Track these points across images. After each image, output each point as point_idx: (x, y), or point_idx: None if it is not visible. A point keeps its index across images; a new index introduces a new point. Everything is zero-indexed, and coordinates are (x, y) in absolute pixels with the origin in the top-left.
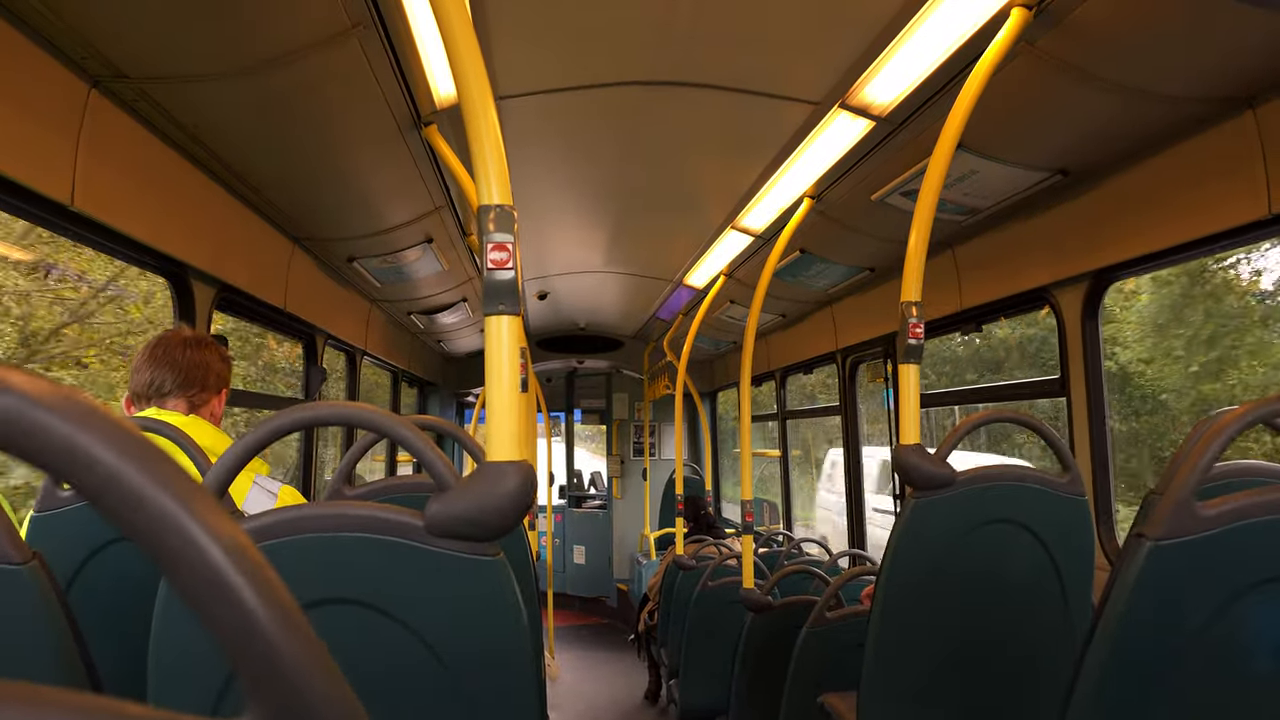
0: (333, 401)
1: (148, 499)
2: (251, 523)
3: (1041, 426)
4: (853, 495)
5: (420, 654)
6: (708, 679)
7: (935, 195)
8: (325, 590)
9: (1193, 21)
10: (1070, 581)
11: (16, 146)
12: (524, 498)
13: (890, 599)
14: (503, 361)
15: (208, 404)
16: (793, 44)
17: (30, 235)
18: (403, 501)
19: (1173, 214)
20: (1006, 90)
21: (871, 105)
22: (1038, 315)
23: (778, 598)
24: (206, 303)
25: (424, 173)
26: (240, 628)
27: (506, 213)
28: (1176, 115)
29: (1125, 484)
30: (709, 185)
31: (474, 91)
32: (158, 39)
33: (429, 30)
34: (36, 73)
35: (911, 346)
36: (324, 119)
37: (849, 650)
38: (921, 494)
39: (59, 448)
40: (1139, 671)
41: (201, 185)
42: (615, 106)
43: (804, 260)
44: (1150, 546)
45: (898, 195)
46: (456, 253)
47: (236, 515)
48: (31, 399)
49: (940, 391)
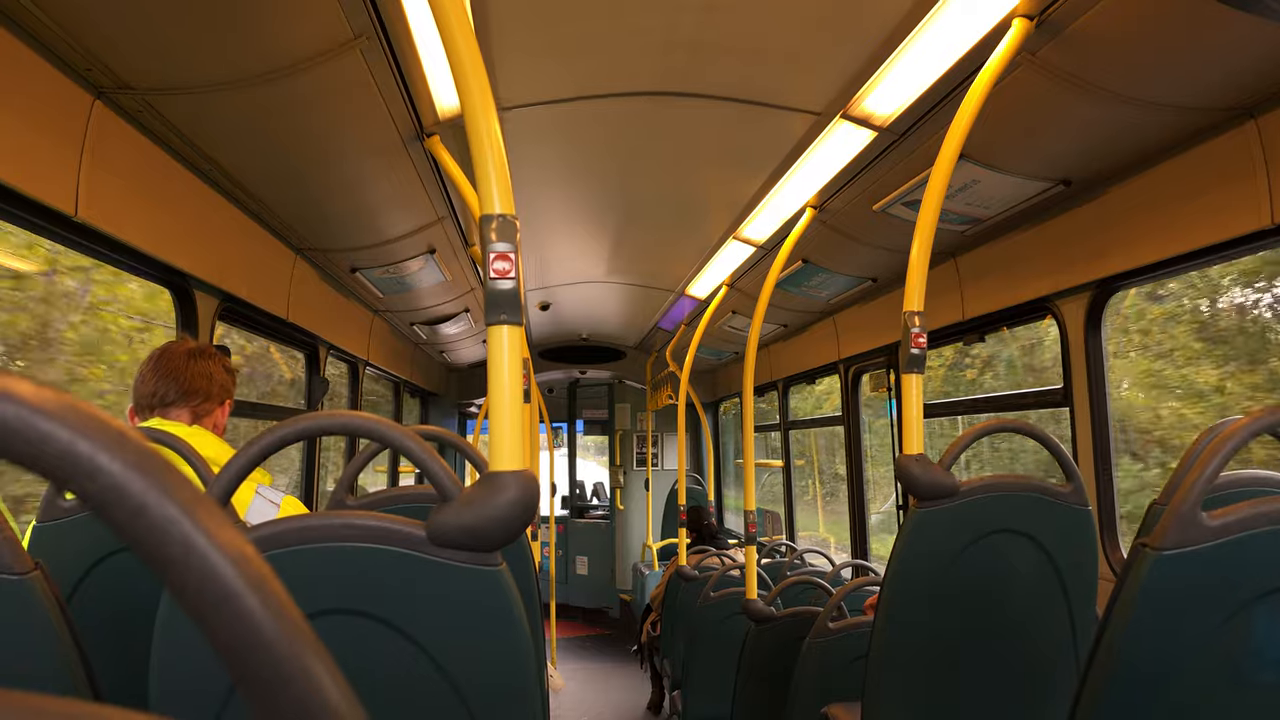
0: (337, 411)
1: (149, 507)
2: (254, 533)
3: (1045, 436)
4: (856, 506)
5: (422, 664)
6: (711, 690)
7: (937, 205)
8: (327, 601)
9: (1194, 32)
10: (1074, 592)
11: (21, 157)
12: (527, 508)
13: (893, 609)
14: (505, 371)
15: (211, 414)
16: (795, 55)
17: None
18: (405, 512)
19: (1175, 224)
20: (1008, 100)
21: (873, 116)
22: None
23: (780, 608)
24: (209, 313)
25: (426, 183)
26: (244, 638)
27: (509, 222)
28: (1178, 125)
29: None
30: (711, 195)
31: (476, 101)
32: (162, 51)
33: (431, 42)
34: (41, 84)
35: (914, 356)
36: (327, 130)
37: (852, 661)
38: (925, 504)
39: (60, 455)
40: (1144, 682)
41: (204, 196)
42: (617, 117)
43: (806, 270)
44: (1155, 557)
45: (900, 205)
46: (459, 263)
47: (239, 525)
48: (33, 406)
49: (943, 401)
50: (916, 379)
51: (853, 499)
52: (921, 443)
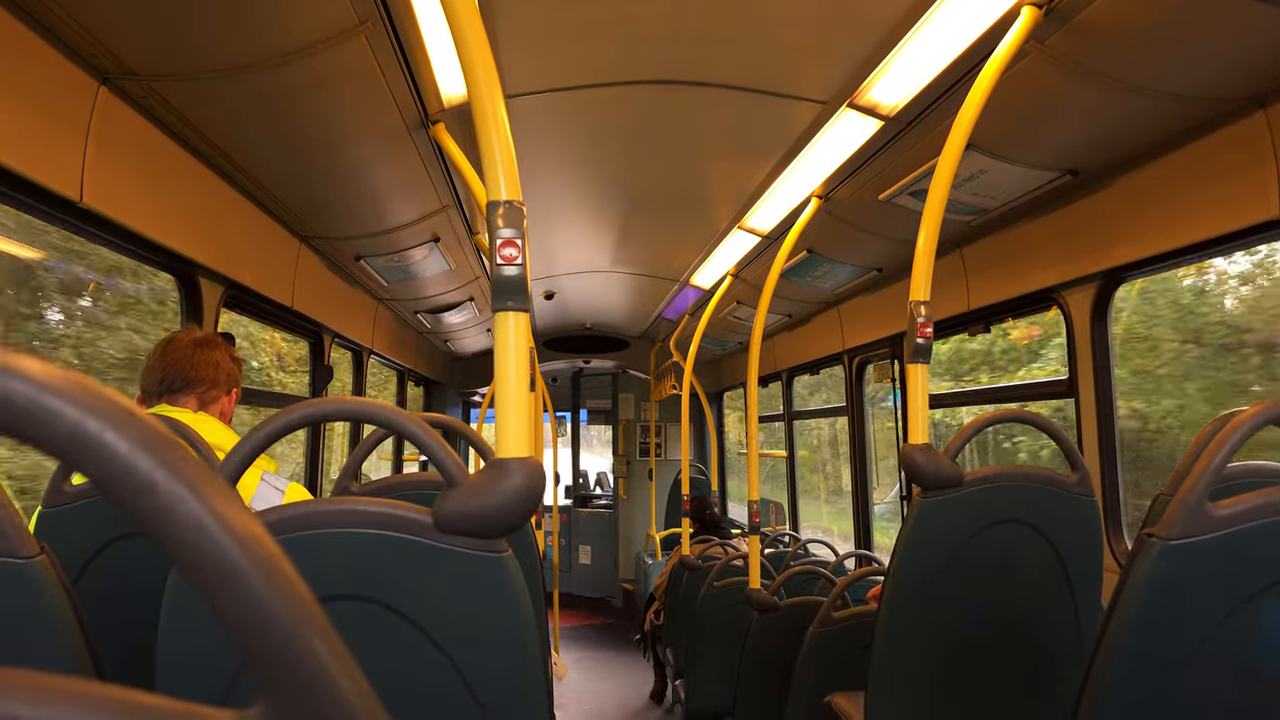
0: (343, 397)
1: (158, 484)
2: (260, 519)
3: (1050, 426)
4: (859, 495)
5: (427, 650)
6: (714, 679)
7: (944, 195)
8: (333, 586)
9: (1203, 21)
10: (1079, 582)
11: (26, 142)
12: (533, 494)
13: (897, 599)
14: (512, 357)
15: (218, 402)
16: (801, 43)
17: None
18: (410, 498)
19: (1183, 214)
20: (1016, 90)
21: (880, 105)
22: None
23: (784, 598)
24: (214, 301)
25: (431, 171)
26: (252, 618)
27: (516, 208)
28: (1187, 115)
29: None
30: (716, 185)
31: (483, 87)
32: (167, 36)
33: (437, 28)
34: (46, 69)
35: (920, 346)
36: (332, 117)
37: (856, 651)
38: (929, 494)
39: (68, 433)
40: (1150, 673)
41: (209, 183)
42: (623, 106)
43: (811, 260)
44: (1161, 547)
45: (906, 195)
46: (463, 252)
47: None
48: (40, 384)
49: (947, 392)
50: (922, 369)
51: (856, 489)
52: (927, 432)
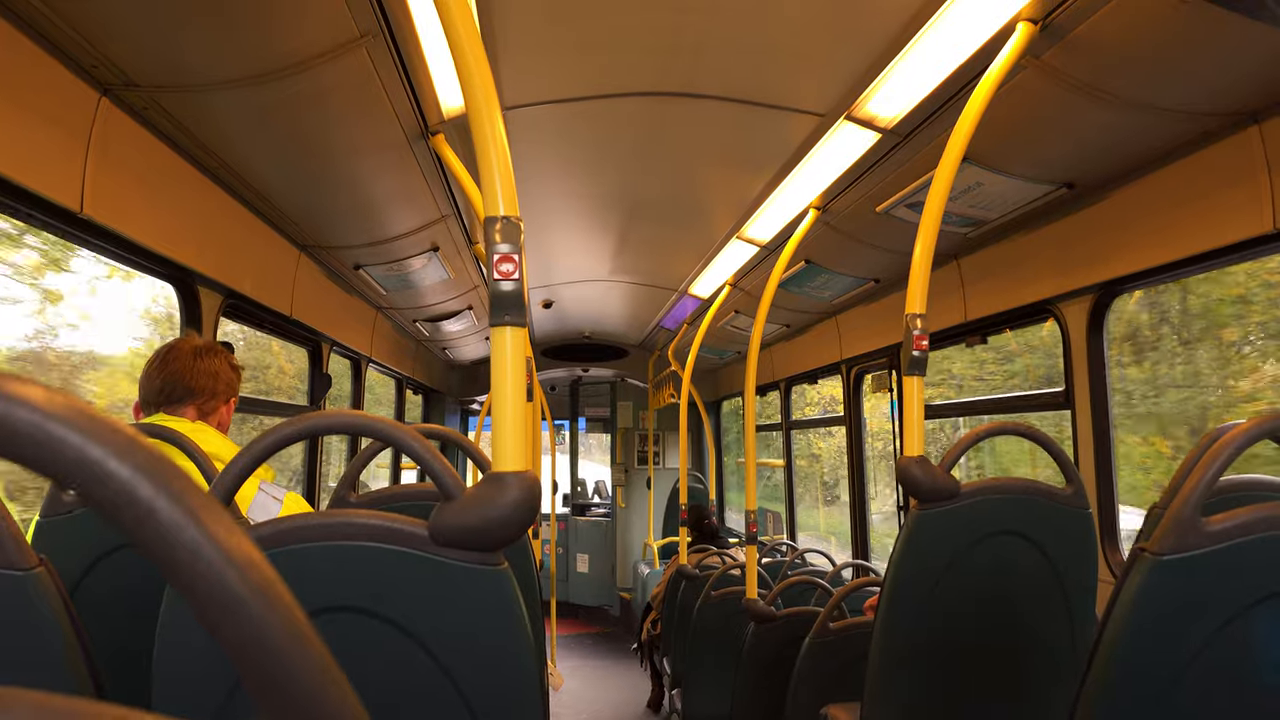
0: (340, 409)
1: (159, 511)
2: (257, 531)
3: (1045, 438)
4: (857, 506)
5: (423, 662)
6: (711, 689)
7: (940, 207)
8: (329, 598)
9: (1198, 37)
10: (1074, 594)
11: (27, 153)
12: (529, 509)
13: (893, 610)
14: (509, 372)
15: (216, 411)
16: (799, 56)
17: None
18: (407, 510)
19: (1178, 228)
20: (1012, 104)
21: (877, 117)
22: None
23: (781, 608)
24: (213, 309)
25: (430, 182)
26: (249, 642)
27: (513, 224)
28: (1182, 130)
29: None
30: (714, 195)
31: (481, 102)
32: (168, 48)
33: (436, 41)
34: (48, 80)
35: (915, 358)
36: (332, 128)
37: (852, 661)
38: (925, 506)
39: (72, 459)
40: (1143, 686)
41: (209, 193)
42: (621, 117)
43: (809, 271)
44: (1153, 562)
45: (903, 207)
46: (462, 261)
47: (241, 522)
48: (45, 412)
49: (944, 403)
50: (918, 381)
51: (854, 499)
52: (922, 444)
